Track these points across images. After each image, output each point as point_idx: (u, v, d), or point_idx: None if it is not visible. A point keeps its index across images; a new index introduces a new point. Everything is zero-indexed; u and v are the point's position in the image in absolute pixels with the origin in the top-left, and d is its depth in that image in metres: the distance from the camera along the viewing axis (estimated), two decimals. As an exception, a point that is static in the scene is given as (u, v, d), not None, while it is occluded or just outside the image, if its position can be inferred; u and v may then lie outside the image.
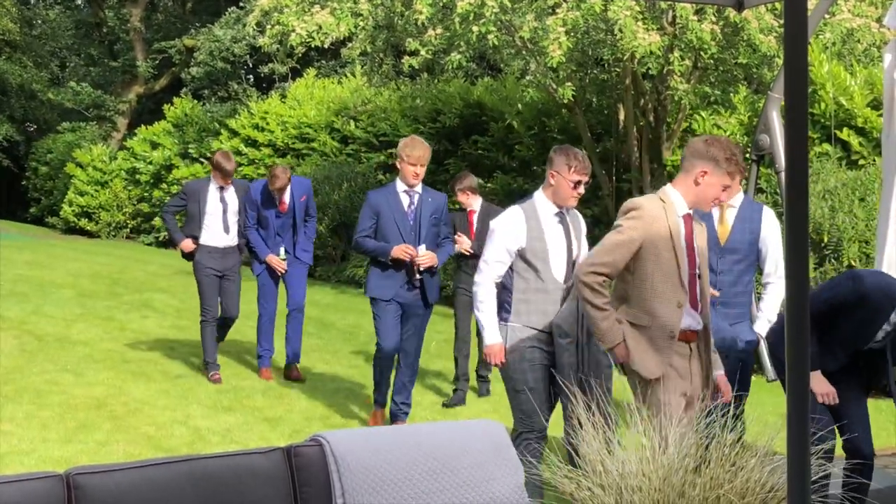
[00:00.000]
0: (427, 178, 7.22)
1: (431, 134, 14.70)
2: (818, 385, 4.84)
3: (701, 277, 4.59)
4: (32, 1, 28.64)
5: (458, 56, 10.28)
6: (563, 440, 4.93)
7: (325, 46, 11.38)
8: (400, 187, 7.00)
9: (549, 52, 9.57)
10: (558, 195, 5.17)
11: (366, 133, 16.54)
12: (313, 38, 10.49)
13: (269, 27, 11.30)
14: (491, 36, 9.72)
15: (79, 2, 29.83)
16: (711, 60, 10.49)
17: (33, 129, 27.15)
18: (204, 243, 8.36)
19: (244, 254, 8.59)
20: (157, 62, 25.34)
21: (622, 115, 12.27)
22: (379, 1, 10.86)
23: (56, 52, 29.14)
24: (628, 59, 10.71)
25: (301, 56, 16.74)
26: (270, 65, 21.57)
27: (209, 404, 7.71)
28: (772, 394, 7.28)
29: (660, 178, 11.70)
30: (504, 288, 5.17)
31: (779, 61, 9.92)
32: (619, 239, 4.49)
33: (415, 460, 3.55)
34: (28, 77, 25.38)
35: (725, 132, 11.18)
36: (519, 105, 13.74)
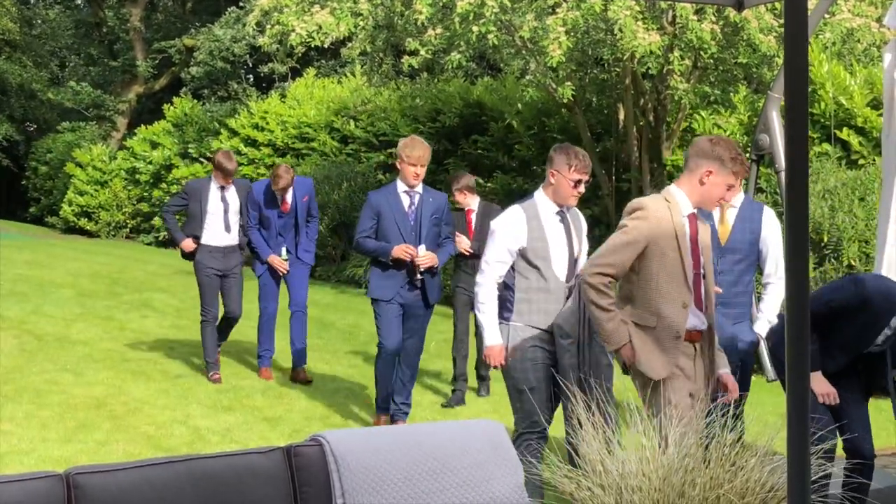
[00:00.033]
0: (427, 178, 7.20)
1: (431, 134, 14.69)
2: (819, 385, 4.84)
3: (706, 277, 4.57)
4: (32, 1, 28.63)
5: (458, 56, 10.28)
6: (564, 440, 4.93)
7: (325, 46, 11.39)
8: (400, 187, 6.98)
9: (549, 52, 9.57)
10: (559, 194, 5.16)
11: (365, 133, 16.53)
12: (313, 38, 10.50)
13: (269, 27, 11.31)
14: (491, 36, 9.72)
15: (79, 1, 29.82)
16: (711, 60, 10.49)
17: (33, 129, 27.15)
18: (205, 243, 8.35)
19: (245, 252, 8.59)
20: (157, 62, 25.35)
21: (622, 115, 12.27)
22: (379, 1, 10.86)
23: (56, 52, 29.15)
24: (628, 59, 10.70)
25: (301, 56, 16.76)
26: (270, 64, 21.59)
27: (209, 404, 7.71)
28: (772, 394, 7.27)
29: (659, 178, 11.70)
30: (506, 287, 5.15)
31: (779, 61, 9.92)
32: (625, 239, 4.46)
33: (415, 460, 3.55)
34: (28, 77, 25.37)
35: (725, 132, 11.18)
36: (519, 105, 13.73)
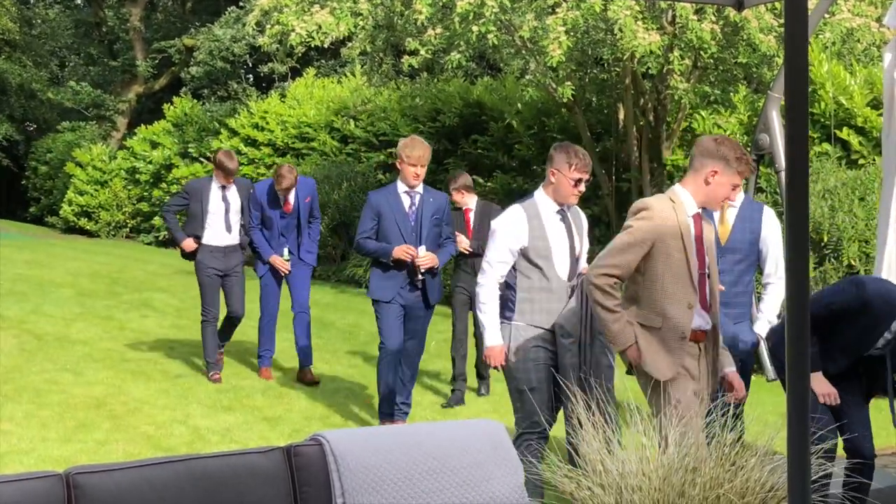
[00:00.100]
0: (427, 178, 7.19)
1: (431, 133, 14.69)
2: (819, 385, 4.83)
3: (710, 277, 4.55)
4: (32, 0, 28.62)
5: (458, 56, 10.28)
6: (565, 440, 4.93)
7: (325, 46, 11.38)
8: (401, 188, 6.96)
9: (549, 52, 9.57)
10: (559, 193, 5.15)
11: (365, 132, 16.53)
12: (313, 38, 10.49)
13: (269, 27, 11.31)
14: (491, 35, 9.72)
15: (78, 1, 29.81)
16: (711, 60, 10.48)
17: (33, 129, 27.14)
18: (206, 242, 8.34)
19: (246, 252, 8.58)
20: (157, 62, 25.34)
21: (622, 115, 12.27)
22: (379, 1, 10.86)
23: (56, 52, 29.13)
24: (628, 59, 10.70)
25: (301, 56, 16.74)
26: (270, 64, 21.58)
27: (209, 404, 7.71)
28: (772, 394, 7.27)
29: (659, 178, 11.70)
30: (508, 287, 5.13)
31: (779, 61, 9.92)
32: (630, 239, 4.43)
33: (415, 460, 3.55)
34: (28, 76, 25.36)
35: (725, 131, 11.18)
36: (518, 104, 13.72)
